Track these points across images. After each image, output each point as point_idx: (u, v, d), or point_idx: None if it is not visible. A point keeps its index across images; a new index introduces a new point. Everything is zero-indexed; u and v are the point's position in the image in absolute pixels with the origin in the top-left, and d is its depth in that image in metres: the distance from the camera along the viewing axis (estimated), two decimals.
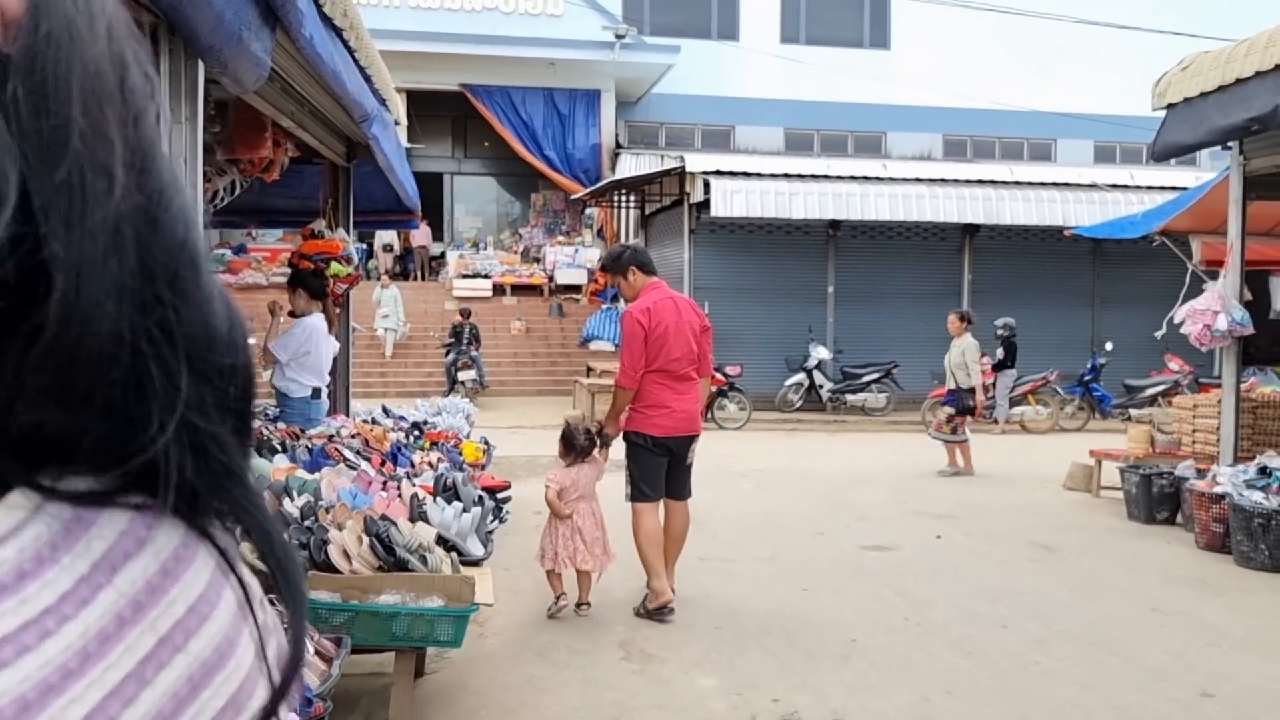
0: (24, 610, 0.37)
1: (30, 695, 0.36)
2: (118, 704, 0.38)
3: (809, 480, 10.15)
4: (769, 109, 23.67)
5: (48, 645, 0.37)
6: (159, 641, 0.40)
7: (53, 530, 0.39)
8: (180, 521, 0.43)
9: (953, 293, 17.22)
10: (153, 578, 0.41)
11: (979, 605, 5.61)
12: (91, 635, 0.38)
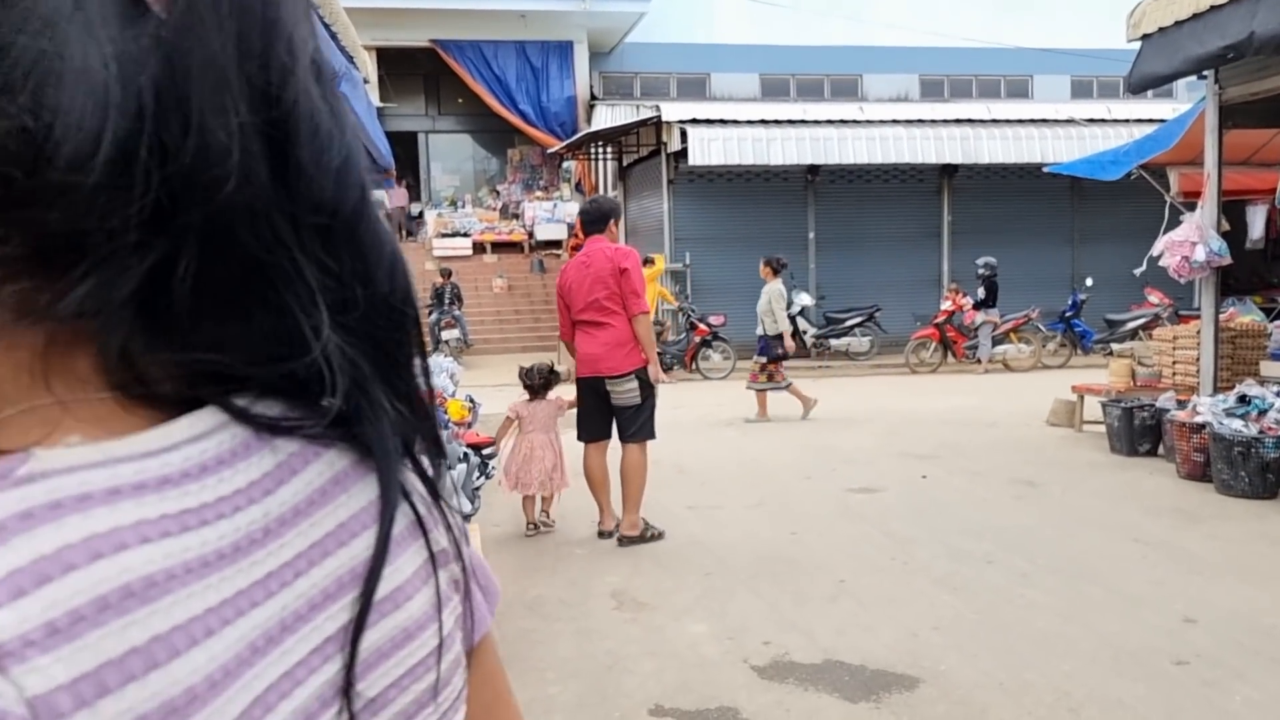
0: (214, 490, 0.44)
1: (209, 558, 0.42)
2: (277, 583, 0.45)
3: (795, 426, 10.21)
4: (743, 55, 23.46)
5: (236, 518, 0.44)
6: (325, 535, 0.48)
7: (237, 440, 0.46)
8: (350, 448, 0.50)
9: (933, 234, 17.25)
10: (324, 485, 0.48)
11: (964, 542, 5.68)
12: (262, 523, 0.45)
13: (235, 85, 0.43)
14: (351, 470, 0.50)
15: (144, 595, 0.40)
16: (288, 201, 0.45)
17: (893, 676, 3.84)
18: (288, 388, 0.47)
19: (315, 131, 0.46)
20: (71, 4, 0.39)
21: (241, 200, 0.43)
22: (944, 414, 10.60)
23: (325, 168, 0.47)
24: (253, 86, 0.44)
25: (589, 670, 4.01)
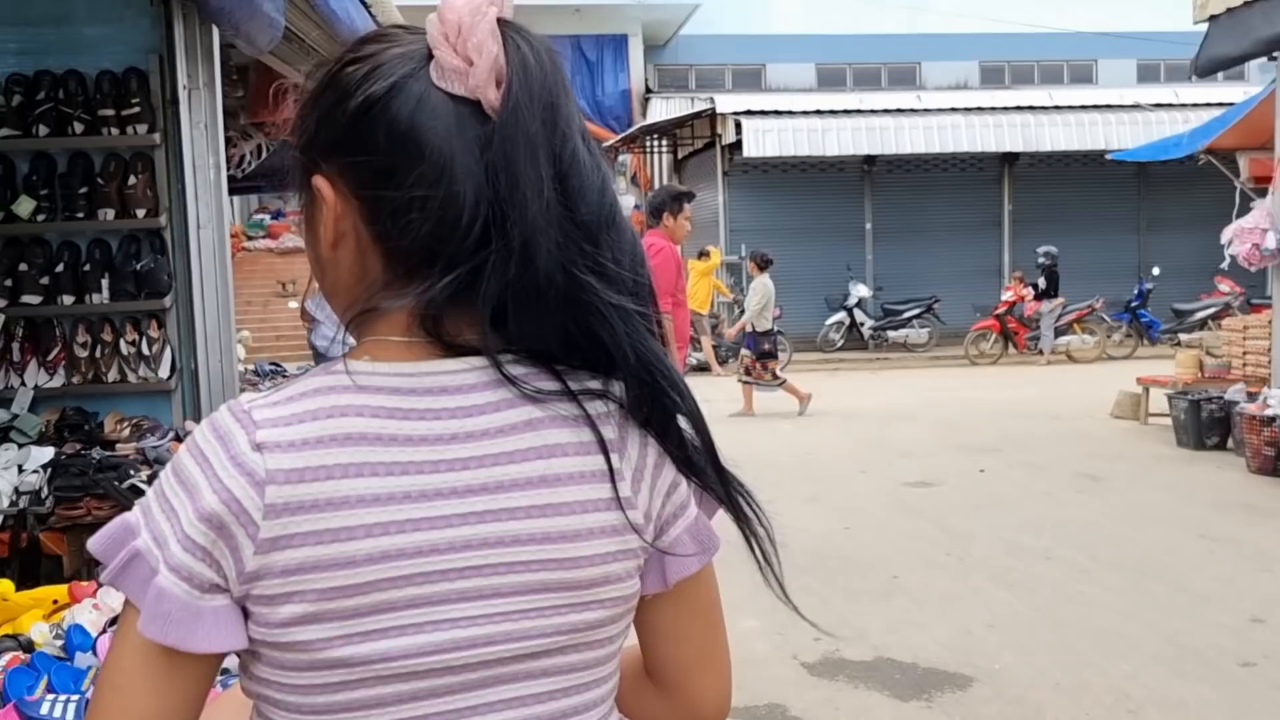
0: (430, 401, 0.80)
1: (397, 437, 0.78)
2: (445, 466, 0.79)
3: (851, 419, 10.10)
4: (799, 45, 23.23)
5: (435, 423, 0.79)
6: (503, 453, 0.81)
7: (481, 379, 0.81)
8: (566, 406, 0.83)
9: (993, 223, 16.94)
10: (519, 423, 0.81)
11: (1022, 538, 5.57)
12: (454, 429, 0.80)
13: (543, 151, 0.79)
14: (551, 421, 0.81)
15: (343, 441, 0.76)
16: (568, 213, 0.79)
17: (945, 675, 3.78)
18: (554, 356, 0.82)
19: (583, 169, 0.81)
20: (454, 133, 0.80)
21: (541, 219, 0.78)
22: (1004, 406, 10.41)
23: (590, 188, 0.81)
24: (551, 149, 0.79)
25: None
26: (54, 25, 4.42)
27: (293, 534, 0.74)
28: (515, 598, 0.80)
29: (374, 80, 0.81)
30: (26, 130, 4.33)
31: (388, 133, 0.79)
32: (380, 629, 0.77)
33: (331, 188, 0.83)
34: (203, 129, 4.45)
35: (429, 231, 0.79)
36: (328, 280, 0.90)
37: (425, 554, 0.77)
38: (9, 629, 2.38)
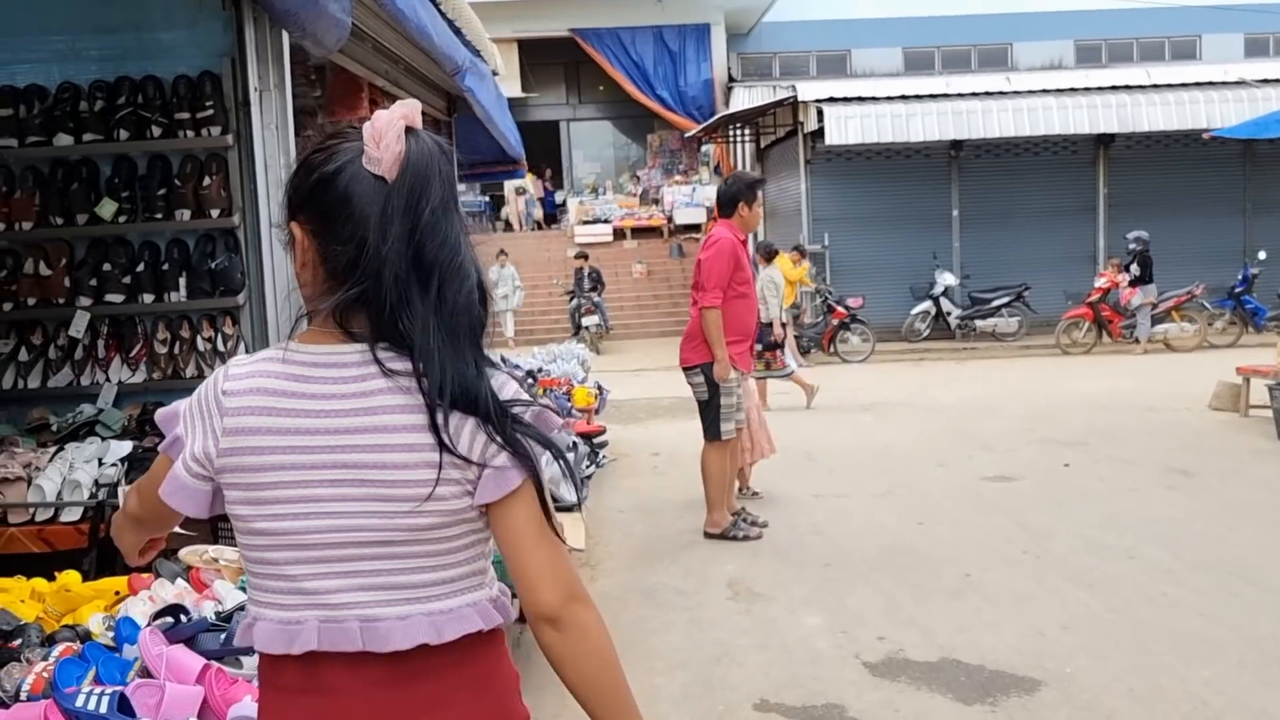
0: (322, 371, 1.26)
1: (289, 391, 1.26)
2: (316, 413, 1.27)
3: (933, 411, 9.88)
4: (885, 29, 22.80)
5: (316, 385, 1.25)
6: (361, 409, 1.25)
7: (359, 359, 1.24)
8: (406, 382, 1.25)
9: (1087, 208, 16.39)
10: (377, 390, 1.24)
11: (1104, 535, 5.38)
12: (328, 391, 1.25)
13: (403, 213, 1.23)
14: (397, 390, 1.23)
15: (260, 393, 1.25)
16: (415, 257, 1.23)
17: (1012, 678, 3.67)
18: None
19: (434, 227, 1.23)
20: (371, 198, 1.24)
21: (390, 257, 1.22)
22: (1095, 398, 10.07)
23: (435, 242, 1.23)
24: (414, 211, 1.23)
25: (697, 661, 3.98)
26: (133, 32, 4.56)
27: (231, 447, 1.26)
28: (367, 503, 1.24)
29: (328, 163, 1.27)
30: (108, 135, 4.49)
31: (331, 196, 1.26)
32: (278, 514, 1.25)
33: (300, 230, 1.29)
34: (273, 129, 4.55)
35: (348, 260, 1.24)
36: (303, 290, 1.34)
37: (303, 469, 1.24)
38: (70, 619, 2.47)
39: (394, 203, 1.22)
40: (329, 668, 1.25)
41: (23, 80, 4.53)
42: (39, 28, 4.55)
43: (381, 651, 1.24)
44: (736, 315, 5.53)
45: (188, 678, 1.96)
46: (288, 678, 1.28)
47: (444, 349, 1.22)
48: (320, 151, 1.29)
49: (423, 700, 1.27)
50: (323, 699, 1.26)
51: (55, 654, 2.13)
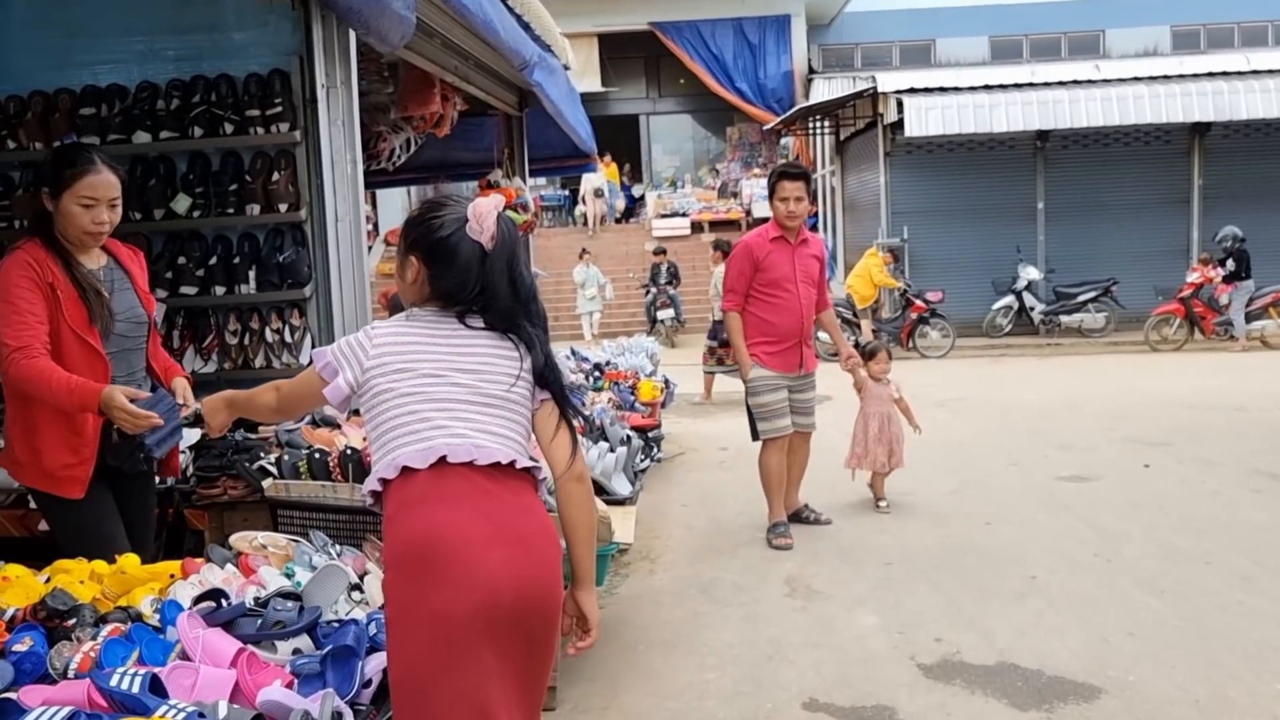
0: (441, 330, 2.14)
1: (427, 341, 2.14)
2: (453, 351, 2.17)
3: (1011, 408, 9.65)
4: (971, 17, 22.30)
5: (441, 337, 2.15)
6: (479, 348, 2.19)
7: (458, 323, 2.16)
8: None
9: (1180, 200, 15.82)
10: (484, 338, 2.17)
11: (1180, 540, 5.19)
12: (450, 339, 2.14)
13: (506, 267, 2.12)
14: (483, 336, 2.13)
15: (399, 333, 2.11)
16: (513, 290, 2.14)
17: (1071, 685, 3.57)
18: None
19: (519, 275, 2.14)
20: (472, 255, 2.11)
21: (503, 290, 2.13)
22: (1184, 396, 9.73)
23: (521, 283, 2.14)
24: (510, 267, 2.13)
25: (749, 658, 3.95)
26: (206, 32, 4.70)
27: (377, 364, 2.07)
28: (474, 382, 2.07)
29: (443, 229, 2.09)
30: (184, 132, 4.64)
31: (444, 250, 2.09)
32: (421, 384, 2.04)
33: (418, 262, 2.12)
34: (340, 126, 4.65)
35: (451, 287, 2.10)
36: (406, 295, 2.17)
37: (435, 360, 2.07)
38: (125, 601, 2.56)
39: (497, 259, 2.08)
40: (450, 475, 1.97)
41: (105, 80, 4.71)
42: (121, 30, 4.72)
43: (484, 463, 1.99)
44: (760, 317, 5.50)
45: (222, 661, 2.01)
46: (417, 489, 1.97)
47: (535, 331, 2.13)
48: (437, 218, 2.09)
49: (512, 501, 2.01)
50: (443, 503, 1.94)
51: (103, 634, 2.21)
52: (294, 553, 2.66)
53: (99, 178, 3.04)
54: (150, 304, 3.31)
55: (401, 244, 2.13)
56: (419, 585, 1.88)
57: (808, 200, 5.51)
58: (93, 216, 3.04)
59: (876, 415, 6.04)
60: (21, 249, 3.02)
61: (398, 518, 1.96)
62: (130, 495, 3.22)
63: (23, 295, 2.93)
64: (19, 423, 3.05)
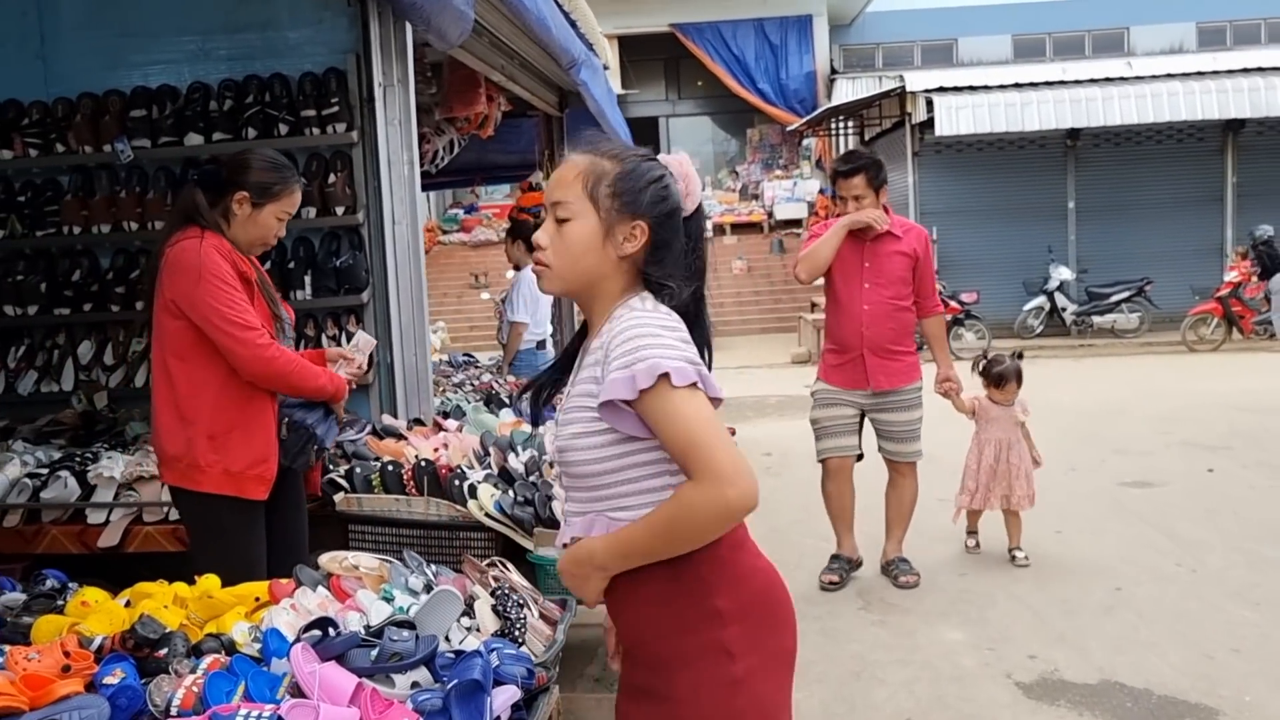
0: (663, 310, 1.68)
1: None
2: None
3: (1054, 411, 9.43)
4: (994, 15, 22.10)
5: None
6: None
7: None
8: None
9: (1214, 198, 15.59)
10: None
11: (1265, 549, 5.01)
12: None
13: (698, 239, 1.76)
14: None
15: (664, 316, 1.64)
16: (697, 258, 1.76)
17: (1185, 705, 3.39)
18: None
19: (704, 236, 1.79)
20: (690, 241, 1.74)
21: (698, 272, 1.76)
22: (1232, 398, 9.52)
23: (702, 259, 1.76)
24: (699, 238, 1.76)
25: (835, 676, 3.79)
26: (259, 31, 4.57)
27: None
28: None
29: (672, 193, 1.69)
30: (237, 134, 4.50)
31: (674, 218, 1.70)
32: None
33: (645, 228, 1.67)
34: (397, 126, 4.51)
35: (663, 257, 1.69)
36: (590, 268, 1.69)
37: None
38: (213, 627, 2.41)
39: (695, 227, 1.73)
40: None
41: (155, 81, 4.58)
42: (172, 30, 4.59)
43: None
44: (827, 322, 4.98)
45: (341, 698, 1.86)
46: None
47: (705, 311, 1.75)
48: (660, 175, 1.68)
49: None
50: (746, 529, 1.75)
51: (203, 666, 2.06)
52: (388, 574, 2.51)
53: (299, 195, 3.05)
54: (289, 308, 3.20)
55: (616, 202, 1.64)
56: (774, 630, 1.68)
57: (874, 196, 4.72)
58: (279, 230, 3.02)
59: (993, 443, 5.08)
60: (205, 238, 2.86)
61: (734, 559, 1.66)
62: (287, 501, 3.09)
63: (233, 283, 2.84)
64: (201, 425, 2.86)
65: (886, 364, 4.75)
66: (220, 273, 2.80)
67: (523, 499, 3.34)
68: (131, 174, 4.58)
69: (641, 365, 1.51)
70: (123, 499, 3.59)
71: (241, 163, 2.98)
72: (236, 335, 2.78)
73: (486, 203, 22.09)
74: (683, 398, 1.52)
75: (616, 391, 1.52)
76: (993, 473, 5.04)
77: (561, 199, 1.65)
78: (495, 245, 19.54)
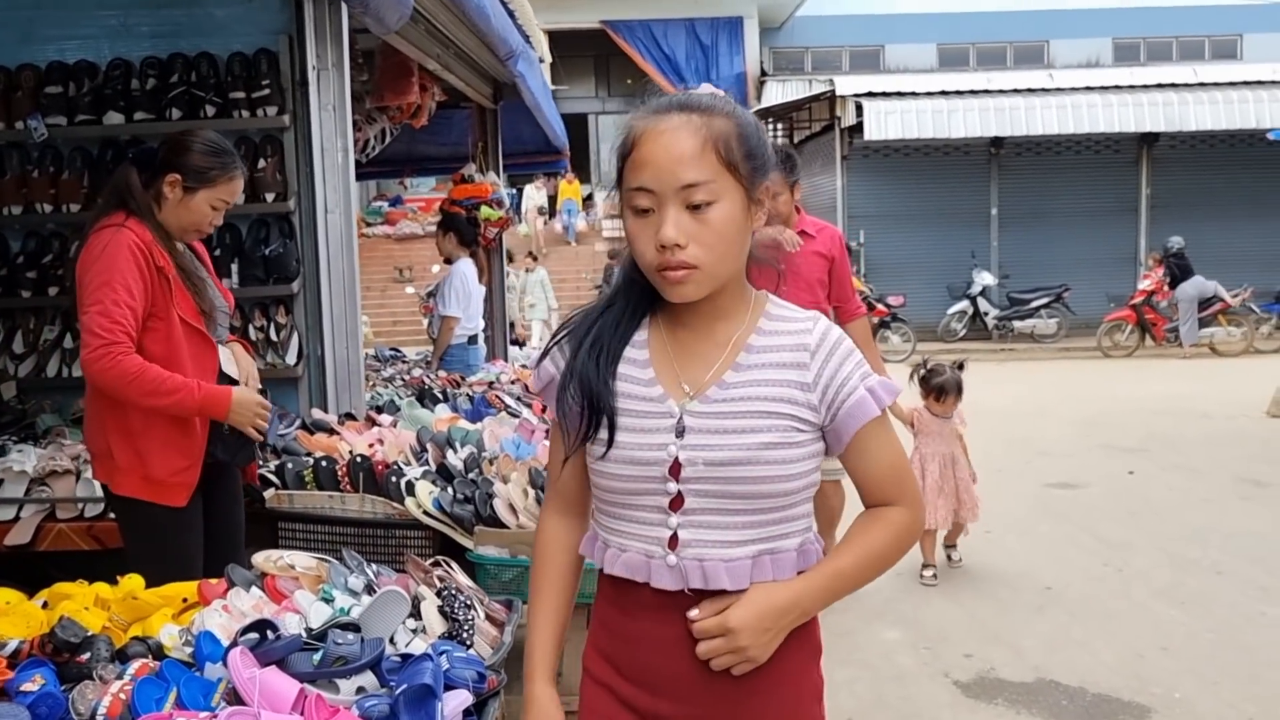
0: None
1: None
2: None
3: (979, 414, 9.52)
4: (920, 24, 22.48)
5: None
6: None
7: None
8: None
9: (1129, 208, 16.08)
10: None
11: (1187, 549, 5.13)
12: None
13: None
14: None
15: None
16: None
17: (1118, 703, 3.44)
18: None
19: None
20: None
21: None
22: (1147, 402, 9.80)
23: None
24: None
25: None
26: (186, 8, 4.37)
27: None
28: None
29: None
30: (160, 114, 4.30)
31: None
32: None
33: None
34: (331, 110, 4.35)
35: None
36: (742, 255, 1.40)
37: None
38: (138, 629, 2.28)
39: None
40: None
41: (72, 57, 4.36)
42: (92, 3, 4.37)
43: None
44: None
45: (282, 705, 1.76)
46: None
47: None
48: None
49: None
50: None
51: (131, 672, 1.93)
52: (327, 574, 2.39)
53: (240, 184, 2.88)
54: (228, 296, 3.01)
55: (750, 165, 1.34)
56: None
57: (789, 193, 4.23)
58: (214, 219, 2.84)
59: (936, 458, 4.81)
60: (124, 228, 2.66)
61: None
62: (224, 495, 2.92)
63: (125, 282, 2.60)
64: (117, 425, 2.68)
65: None
66: (116, 267, 2.59)
67: (462, 496, 3.24)
68: (45, 153, 4.34)
69: (875, 382, 1.36)
70: (35, 494, 3.40)
71: (180, 144, 2.82)
72: (85, 337, 2.59)
73: (412, 196, 21.75)
74: (890, 423, 1.42)
75: (868, 410, 1.35)
76: (939, 490, 4.76)
77: (696, 179, 1.29)
78: (420, 239, 19.26)
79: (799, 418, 1.35)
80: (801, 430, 1.35)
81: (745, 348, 1.39)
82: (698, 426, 1.35)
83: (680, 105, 1.35)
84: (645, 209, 1.33)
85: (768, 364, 1.37)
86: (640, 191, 1.33)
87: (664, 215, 1.31)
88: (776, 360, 1.37)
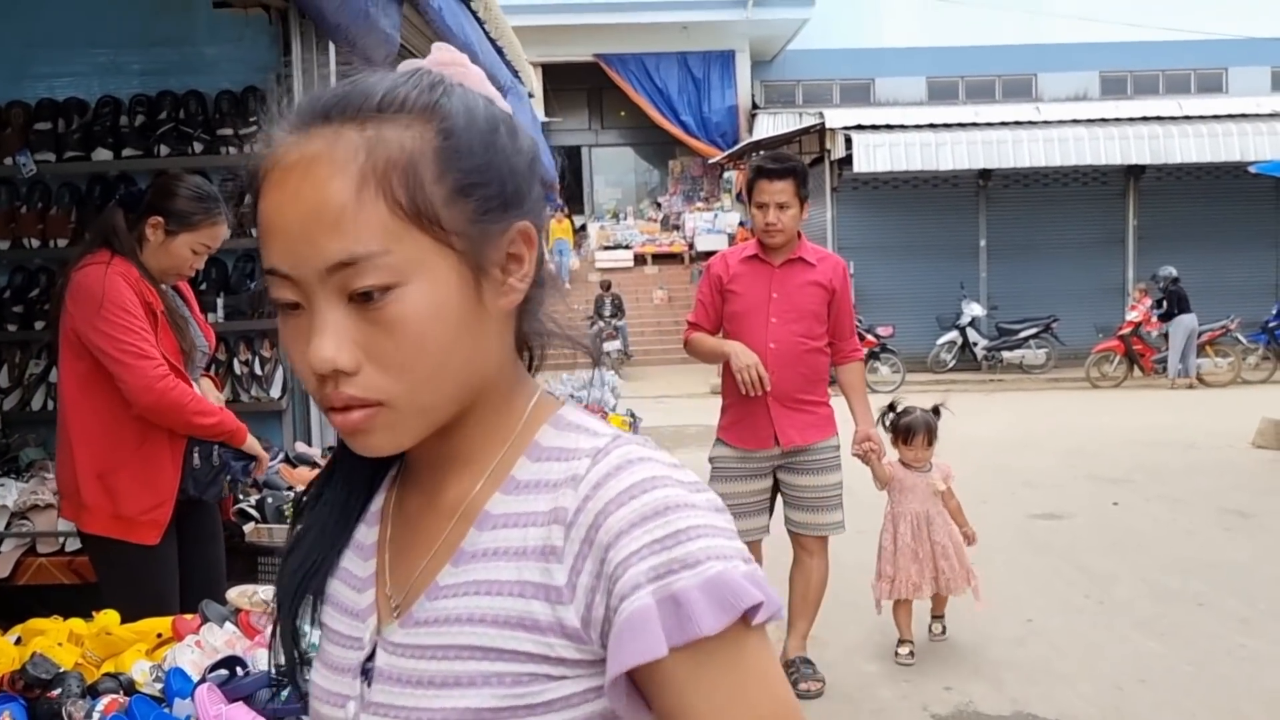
0: None
1: None
2: None
3: (967, 444, 9.60)
4: (910, 58, 22.71)
5: None
6: None
7: None
8: None
9: (1116, 240, 16.21)
10: None
11: (1169, 580, 5.16)
12: None
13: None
14: None
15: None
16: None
17: None
18: None
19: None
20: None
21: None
22: (1133, 433, 9.85)
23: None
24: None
25: None
26: (176, 46, 4.45)
27: None
28: None
29: (530, 146, 0.90)
30: (149, 150, 4.36)
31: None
32: None
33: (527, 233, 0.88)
34: None
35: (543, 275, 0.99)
36: (466, 364, 0.81)
37: None
38: (111, 665, 2.29)
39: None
40: None
41: (63, 94, 4.42)
42: (83, 41, 4.44)
43: None
44: (727, 367, 3.93)
45: None
46: None
47: None
48: (500, 121, 0.81)
49: None
50: None
51: (100, 708, 1.95)
52: None
53: (223, 229, 2.91)
54: (209, 334, 3.07)
55: (471, 204, 0.75)
56: None
57: (799, 207, 3.86)
58: (195, 262, 2.88)
59: (908, 517, 4.35)
60: (111, 265, 2.73)
61: None
62: (202, 531, 2.97)
63: (136, 311, 2.70)
64: (87, 464, 2.73)
65: (795, 415, 3.89)
66: (121, 300, 2.67)
67: None
68: (34, 189, 4.39)
69: (690, 579, 0.67)
70: (15, 528, 3.41)
71: (166, 188, 2.87)
72: (128, 363, 2.65)
73: None
74: (767, 648, 0.72)
75: (647, 638, 0.67)
76: (913, 554, 4.26)
77: (354, 251, 0.73)
78: None
79: (545, 657, 0.72)
80: (552, 679, 0.72)
81: (478, 519, 0.79)
82: (388, 671, 0.78)
83: (324, 112, 0.77)
84: (290, 303, 0.77)
85: (502, 550, 0.76)
86: (273, 277, 0.78)
87: (313, 318, 0.75)
88: (518, 543, 0.76)
